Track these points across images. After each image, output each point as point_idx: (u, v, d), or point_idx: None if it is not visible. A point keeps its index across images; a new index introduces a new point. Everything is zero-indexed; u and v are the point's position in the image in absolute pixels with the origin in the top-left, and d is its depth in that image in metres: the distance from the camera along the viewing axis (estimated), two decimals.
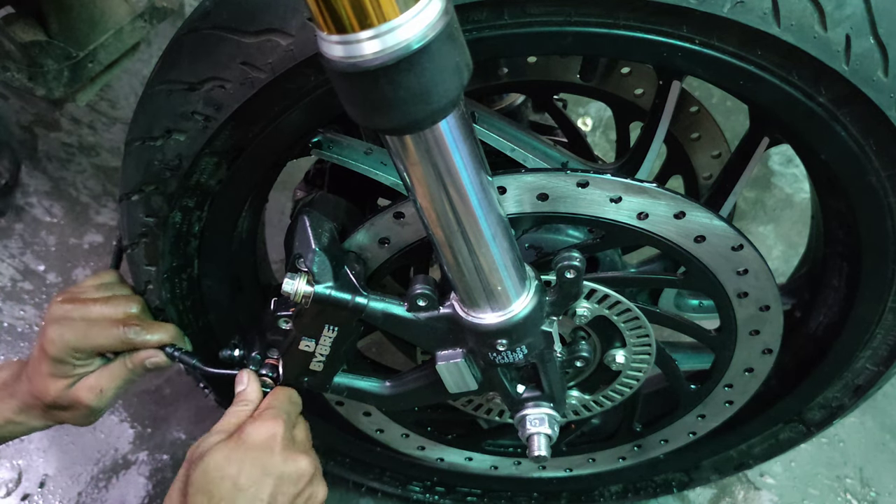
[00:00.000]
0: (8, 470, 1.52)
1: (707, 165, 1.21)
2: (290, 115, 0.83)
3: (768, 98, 0.78)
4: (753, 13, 0.71)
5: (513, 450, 1.28)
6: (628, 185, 0.85)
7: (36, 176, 1.92)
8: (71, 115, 2.02)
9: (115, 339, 0.95)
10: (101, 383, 0.97)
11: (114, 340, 0.95)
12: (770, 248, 1.92)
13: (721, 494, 1.54)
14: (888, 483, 1.57)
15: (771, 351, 1.04)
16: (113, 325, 0.95)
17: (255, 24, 0.77)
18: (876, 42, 0.72)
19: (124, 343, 0.95)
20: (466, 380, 0.93)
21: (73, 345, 0.93)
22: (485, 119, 0.98)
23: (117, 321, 0.95)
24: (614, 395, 1.10)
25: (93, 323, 0.94)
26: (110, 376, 0.97)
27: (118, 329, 0.95)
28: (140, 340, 0.96)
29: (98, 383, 0.97)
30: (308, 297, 0.86)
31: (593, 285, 0.95)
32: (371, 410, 1.18)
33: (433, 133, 0.64)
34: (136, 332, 0.96)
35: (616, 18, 0.74)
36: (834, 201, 0.93)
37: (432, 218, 0.73)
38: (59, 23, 1.19)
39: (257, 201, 1.02)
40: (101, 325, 0.94)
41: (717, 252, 0.90)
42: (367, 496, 1.46)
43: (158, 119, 0.86)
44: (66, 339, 0.93)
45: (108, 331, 0.94)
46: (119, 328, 0.95)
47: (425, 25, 0.56)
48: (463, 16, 0.73)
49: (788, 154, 2.09)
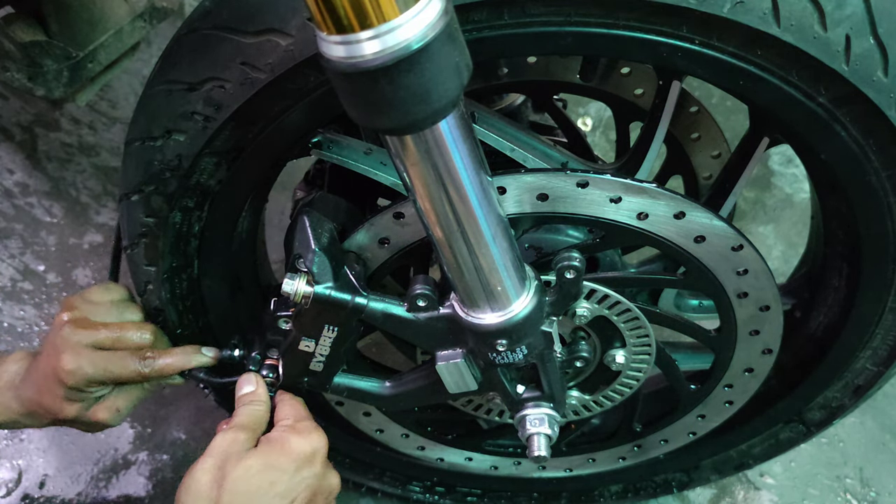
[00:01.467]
0: (8, 470, 1.52)
1: (707, 165, 1.21)
2: (289, 115, 0.83)
3: (768, 98, 0.78)
4: (753, 13, 0.71)
5: (513, 450, 1.28)
6: (628, 185, 0.85)
7: (36, 176, 1.91)
8: (71, 115, 2.02)
9: (133, 373, 0.97)
10: (118, 404, 1.00)
11: (131, 373, 0.97)
12: (770, 248, 1.92)
13: (721, 494, 1.54)
14: (888, 483, 1.57)
15: (771, 351, 1.04)
16: (130, 357, 0.97)
17: (255, 24, 0.77)
18: (876, 42, 0.72)
19: (142, 376, 0.97)
20: (466, 380, 0.93)
21: (91, 377, 0.95)
22: (485, 119, 0.98)
23: (133, 353, 0.97)
24: (614, 395, 1.10)
25: (110, 356, 0.96)
26: (127, 398, 1.00)
27: (136, 363, 0.97)
28: (157, 371, 0.98)
29: (114, 404, 1.00)
30: (308, 298, 0.86)
31: (593, 285, 0.94)
32: (371, 410, 1.18)
33: (433, 133, 0.64)
34: (151, 364, 0.97)
35: (616, 18, 0.74)
36: (834, 201, 0.93)
37: (432, 218, 0.73)
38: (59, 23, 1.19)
39: (257, 201, 1.02)
40: (119, 358, 0.96)
41: (717, 252, 0.90)
42: (367, 496, 1.46)
43: (158, 119, 0.86)
44: (85, 371, 0.94)
45: (125, 363, 0.96)
46: (137, 361, 0.97)
47: (425, 25, 0.56)
48: (463, 16, 0.73)
49: (788, 154, 2.09)
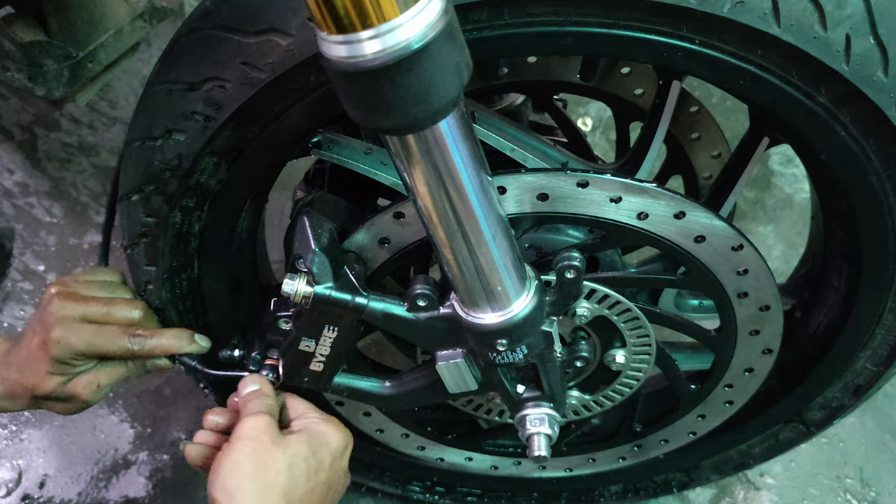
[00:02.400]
0: (8, 470, 1.52)
1: (707, 165, 1.21)
2: (290, 115, 0.83)
3: (768, 98, 0.78)
4: (753, 13, 0.71)
5: (513, 450, 1.28)
6: (628, 185, 0.85)
7: (36, 176, 1.91)
8: (71, 115, 2.02)
9: (121, 349, 0.95)
10: (99, 379, 0.97)
11: (119, 349, 0.95)
12: (770, 248, 1.92)
13: (721, 494, 1.54)
14: (888, 483, 1.57)
15: (771, 351, 1.04)
16: (119, 333, 0.95)
17: (255, 23, 0.77)
18: (876, 42, 0.72)
19: (129, 352, 0.96)
20: (466, 380, 0.92)
21: (78, 350, 0.93)
22: (485, 119, 0.98)
23: (122, 329, 0.96)
24: (614, 395, 1.10)
25: (99, 330, 0.94)
26: (109, 374, 0.98)
27: (124, 339, 0.95)
28: (147, 351, 0.96)
29: (96, 379, 0.97)
30: (308, 298, 0.86)
31: (593, 285, 0.94)
32: (371, 410, 1.18)
33: (433, 133, 0.64)
34: (141, 343, 0.96)
35: (616, 18, 0.74)
36: (834, 201, 0.93)
37: (432, 218, 0.73)
38: (59, 23, 1.19)
39: (257, 201, 1.02)
40: (108, 333, 0.94)
41: (717, 252, 0.90)
42: (367, 496, 1.46)
43: (158, 119, 0.86)
44: (72, 343, 0.93)
45: (114, 339, 0.94)
46: (125, 338, 0.95)
47: (425, 25, 0.56)
48: (463, 16, 0.73)
49: (788, 154, 2.09)
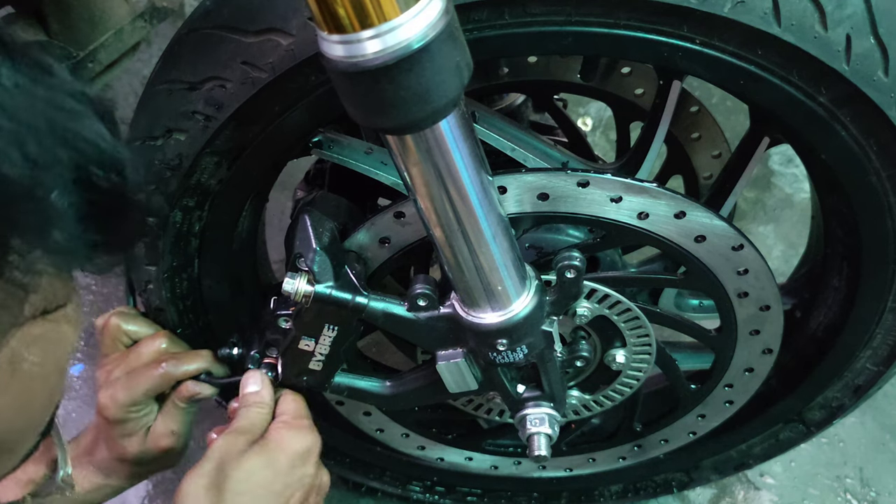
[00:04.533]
0: None
1: (707, 165, 1.21)
2: (290, 114, 0.83)
3: (769, 98, 0.78)
4: (754, 13, 0.71)
5: (513, 449, 1.27)
6: (629, 184, 0.85)
7: None
8: None
9: (158, 379, 0.97)
10: (169, 426, 1.00)
11: (156, 380, 0.97)
12: (770, 248, 1.91)
13: (721, 494, 1.54)
14: (888, 483, 1.57)
15: (771, 351, 1.04)
16: (151, 368, 0.98)
17: (256, 23, 0.77)
18: (876, 42, 0.72)
19: (165, 378, 0.98)
20: (467, 379, 0.93)
21: (124, 401, 0.96)
22: (485, 119, 0.98)
23: (154, 363, 0.98)
24: (614, 394, 1.10)
25: (133, 374, 0.97)
26: (171, 417, 1.00)
27: (156, 370, 0.97)
28: (179, 373, 0.98)
29: (166, 427, 1.00)
30: (308, 297, 0.86)
31: (593, 285, 0.94)
32: (371, 410, 1.18)
33: (433, 133, 0.64)
34: (173, 366, 0.98)
35: (616, 18, 0.74)
36: (834, 201, 0.93)
37: (432, 218, 0.73)
38: (59, 23, 1.19)
39: (258, 201, 1.02)
40: (141, 372, 0.97)
41: (718, 252, 0.90)
42: (367, 496, 1.46)
43: (159, 119, 0.86)
44: (117, 398, 0.96)
45: (148, 374, 0.97)
46: (157, 369, 0.98)
47: (426, 25, 0.56)
48: (463, 15, 0.73)
49: (788, 154, 2.08)
